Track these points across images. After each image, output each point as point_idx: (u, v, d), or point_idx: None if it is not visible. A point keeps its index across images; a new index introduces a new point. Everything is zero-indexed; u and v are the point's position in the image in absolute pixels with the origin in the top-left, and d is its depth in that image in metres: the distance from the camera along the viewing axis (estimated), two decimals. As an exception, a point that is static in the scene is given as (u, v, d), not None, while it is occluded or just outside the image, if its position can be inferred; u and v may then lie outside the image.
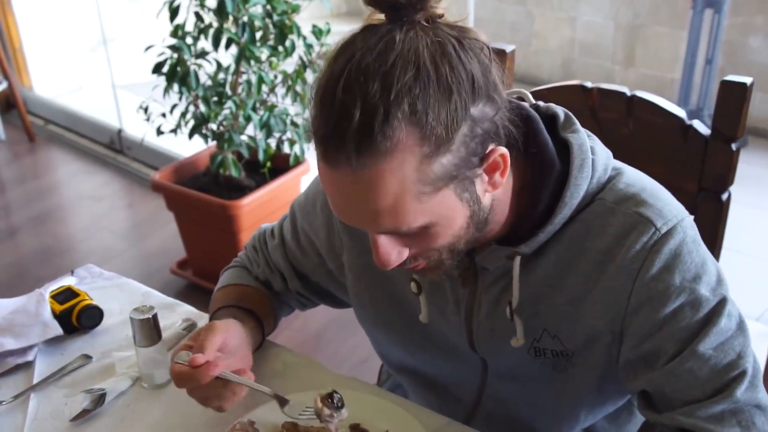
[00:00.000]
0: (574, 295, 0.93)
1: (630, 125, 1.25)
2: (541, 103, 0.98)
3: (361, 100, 0.74)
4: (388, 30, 0.78)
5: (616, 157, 0.97)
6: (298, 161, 2.61)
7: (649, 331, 0.89)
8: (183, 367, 0.93)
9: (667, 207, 0.90)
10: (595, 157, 0.92)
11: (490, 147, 0.82)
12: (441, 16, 0.81)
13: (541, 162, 0.91)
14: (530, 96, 1.00)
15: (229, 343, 0.99)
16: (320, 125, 0.78)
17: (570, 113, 0.96)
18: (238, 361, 0.99)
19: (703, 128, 1.19)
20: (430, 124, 0.76)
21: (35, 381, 1.12)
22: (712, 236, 1.22)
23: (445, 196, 0.81)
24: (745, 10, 3.79)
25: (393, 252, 0.87)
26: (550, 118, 0.96)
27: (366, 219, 0.83)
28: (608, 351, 0.94)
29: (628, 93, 1.24)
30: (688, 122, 1.20)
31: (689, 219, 0.91)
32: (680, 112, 1.21)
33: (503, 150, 0.83)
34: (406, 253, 0.87)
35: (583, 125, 0.96)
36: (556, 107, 0.97)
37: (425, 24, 0.79)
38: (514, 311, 0.95)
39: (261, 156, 2.51)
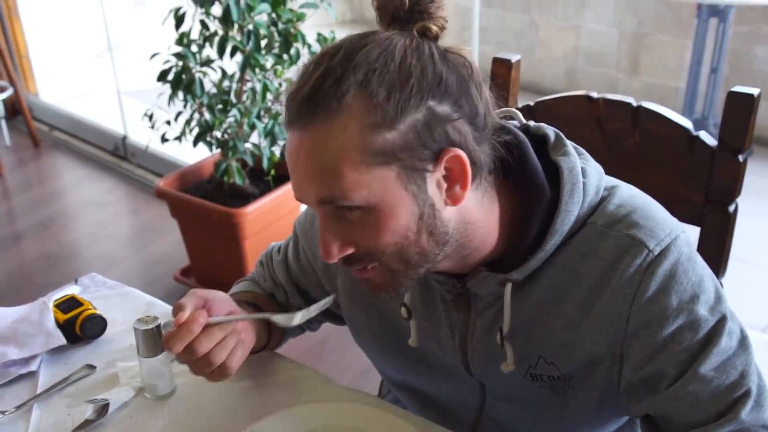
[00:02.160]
0: (569, 321, 0.91)
1: (636, 136, 1.25)
2: (531, 123, 0.96)
3: (325, 66, 0.79)
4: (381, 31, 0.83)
5: (621, 167, 0.96)
6: (303, 169, 2.60)
7: (650, 355, 0.87)
8: (171, 330, 0.93)
9: (659, 226, 0.88)
10: (586, 180, 0.90)
11: (443, 149, 0.81)
12: (436, 36, 0.84)
13: (530, 189, 0.89)
14: (520, 115, 0.98)
15: (210, 297, 0.99)
16: (291, 87, 0.83)
17: (561, 134, 0.95)
18: (225, 305, 1.00)
19: (709, 139, 1.18)
20: (380, 97, 0.78)
21: (39, 391, 1.11)
22: (719, 248, 1.21)
23: (386, 176, 0.80)
24: (750, 19, 3.78)
25: (336, 242, 0.85)
26: (539, 139, 0.94)
27: (308, 184, 0.83)
28: (608, 374, 0.93)
29: (634, 103, 1.23)
30: (694, 133, 1.19)
31: (684, 235, 0.89)
32: (687, 123, 1.20)
33: (459, 152, 0.82)
34: (350, 249, 0.86)
35: (588, 135, 0.95)
36: (547, 128, 0.95)
37: (417, 34, 0.83)
38: (505, 338, 0.94)
39: (265, 164, 2.51)
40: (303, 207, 1.17)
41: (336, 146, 0.79)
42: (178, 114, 2.56)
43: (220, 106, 2.48)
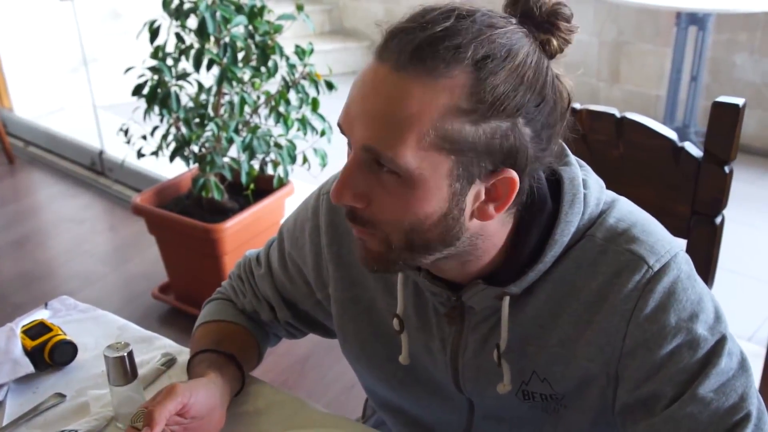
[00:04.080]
0: (565, 336, 0.89)
1: (620, 147, 1.22)
2: None
3: (451, 24, 0.75)
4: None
5: (606, 179, 0.94)
6: (282, 183, 2.57)
7: (646, 374, 0.85)
8: None
9: (660, 243, 0.86)
10: (587, 191, 0.88)
11: (503, 168, 0.79)
12: (552, 55, 0.81)
13: (532, 199, 0.87)
14: None
15: (193, 406, 0.95)
16: (405, 19, 0.78)
17: (563, 143, 0.92)
18: (204, 424, 0.96)
19: (695, 151, 1.16)
20: (485, 87, 0.75)
21: (5, 422, 1.07)
22: (706, 260, 1.19)
23: (441, 162, 0.77)
24: (728, 27, 3.80)
25: (354, 189, 0.81)
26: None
27: (365, 123, 0.78)
28: (602, 394, 0.90)
29: (618, 115, 1.21)
30: (679, 144, 1.17)
31: (683, 254, 0.88)
32: (671, 134, 1.18)
33: (515, 177, 0.80)
34: (360, 204, 0.82)
35: (572, 147, 0.93)
36: None
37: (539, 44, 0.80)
38: (502, 355, 0.91)
39: (244, 178, 2.47)
40: (286, 211, 1.13)
41: (418, 108, 0.75)
42: (155, 128, 2.52)
43: (197, 120, 2.44)
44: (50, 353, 1.16)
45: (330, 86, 2.41)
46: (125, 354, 1.01)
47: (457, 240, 0.83)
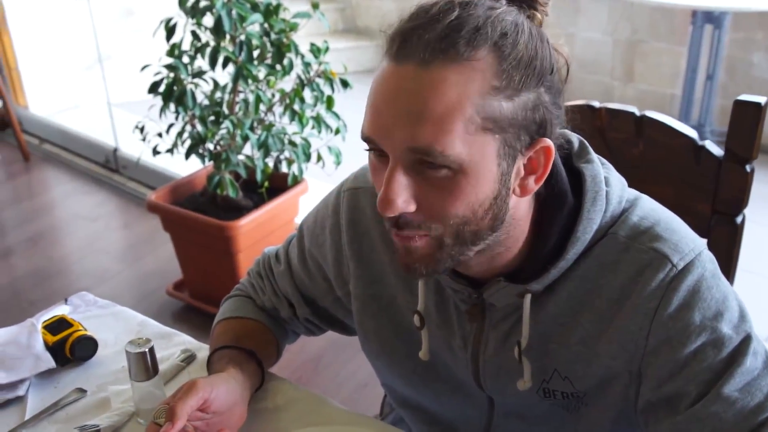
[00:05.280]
0: (587, 334, 0.88)
1: (640, 146, 1.22)
2: None
3: (459, 12, 0.76)
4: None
5: (625, 178, 0.94)
6: (297, 181, 2.57)
7: (670, 373, 0.84)
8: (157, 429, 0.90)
9: (684, 240, 0.86)
10: (609, 189, 0.88)
11: (539, 138, 0.81)
12: (541, 22, 0.83)
13: (552, 194, 0.87)
14: None
15: (214, 402, 0.95)
16: (409, 19, 0.78)
17: (585, 141, 0.92)
18: (225, 419, 0.96)
19: (716, 149, 1.16)
20: (510, 62, 0.77)
21: (27, 417, 1.07)
22: (727, 260, 1.18)
23: (488, 144, 0.77)
24: (745, 26, 3.77)
25: (402, 195, 0.79)
26: (563, 146, 0.92)
27: (405, 126, 0.76)
28: (625, 392, 0.90)
29: (638, 113, 1.21)
30: (700, 143, 1.16)
31: (707, 252, 0.87)
32: (692, 133, 1.18)
33: (551, 144, 0.81)
34: (412, 208, 0.80)
35: (591, 146, 0.93)
36: (571, 134, 0.93)
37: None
38: (523, 352, 0.91)
39: (259, 176, 2.48)
40: (301, 209, 1.13)
41: (457, 95, 0.75)
42: (170, 126, 2.53)
43: (212, 118, 2.44)
44: (71, 348, 1.17)
45: (345, 84, 2.41)
46: (147, 350, 1.01)
47: (501, 223, 0.83)
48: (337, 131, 2.46)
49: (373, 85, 0.80)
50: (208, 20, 2.35)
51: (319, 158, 2.52)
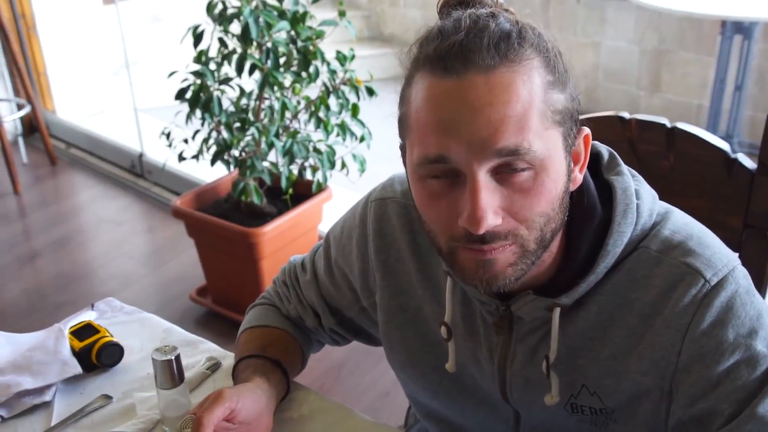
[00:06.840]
0: (617, 349, 0.87)
1: (671, 158, 1.20)
2: None
3: (491, 18, 0.79)
4: None
5: (656, 191, 0.93)
6: (321, 188, 2.58)
7: (702, 391, 0.83)
8: None
9: (717, 255, 0.84)
10: (639, 202, 0.87)
11: (580, 128, 0.84)
12: None
13: (582, 207, 0.86)
14: None
15: (240, 412, 0.95)
16: (448, 36, 0.78)
17: (615, 153, 0.92)
18: (251, 429, 0.96)
19: (748, 162, 1.14)
20: (551, 57, 0.80)
21: (53, 422, 1.08)
22: (759, 275, 1.16)
23: (556, 136, 0.80)
24: (775, 36, 3.73)
25: (492, 206, 0.77)
26: (593, 158, 0.91)
27: (489, 131, 0.75)
28: (656, 409, 0.88)
29: (669, 125, 1.19)
30: (732, 156, 1.15)
31: (741, 268, 0.85)
32: (724, 146, 1.16)
33: (588, 130, 0.85)
34: (499, 219, 0.78)
35: (621, 158, 0.92)
36: (600, 146, 0.92)
37: None
38: (551, 366, 0.89)
39: (283, 183, 2.48)
40: (325, 216, 1.13)
41: (527, 93, 0.77)
42: (196, 132, 2.54)
43: (238, 125, 2.45)
44: (97, 355, 1.17)
45: (370, 92, 2.41)
46: (173, 357, 1.01)
47: (564, 218, 0.84)
48: (362, 139, 2.46)
49: (425, 105, 0.79)
50: (236, 27, 2.36)
51: (344, 166, 2.52)
